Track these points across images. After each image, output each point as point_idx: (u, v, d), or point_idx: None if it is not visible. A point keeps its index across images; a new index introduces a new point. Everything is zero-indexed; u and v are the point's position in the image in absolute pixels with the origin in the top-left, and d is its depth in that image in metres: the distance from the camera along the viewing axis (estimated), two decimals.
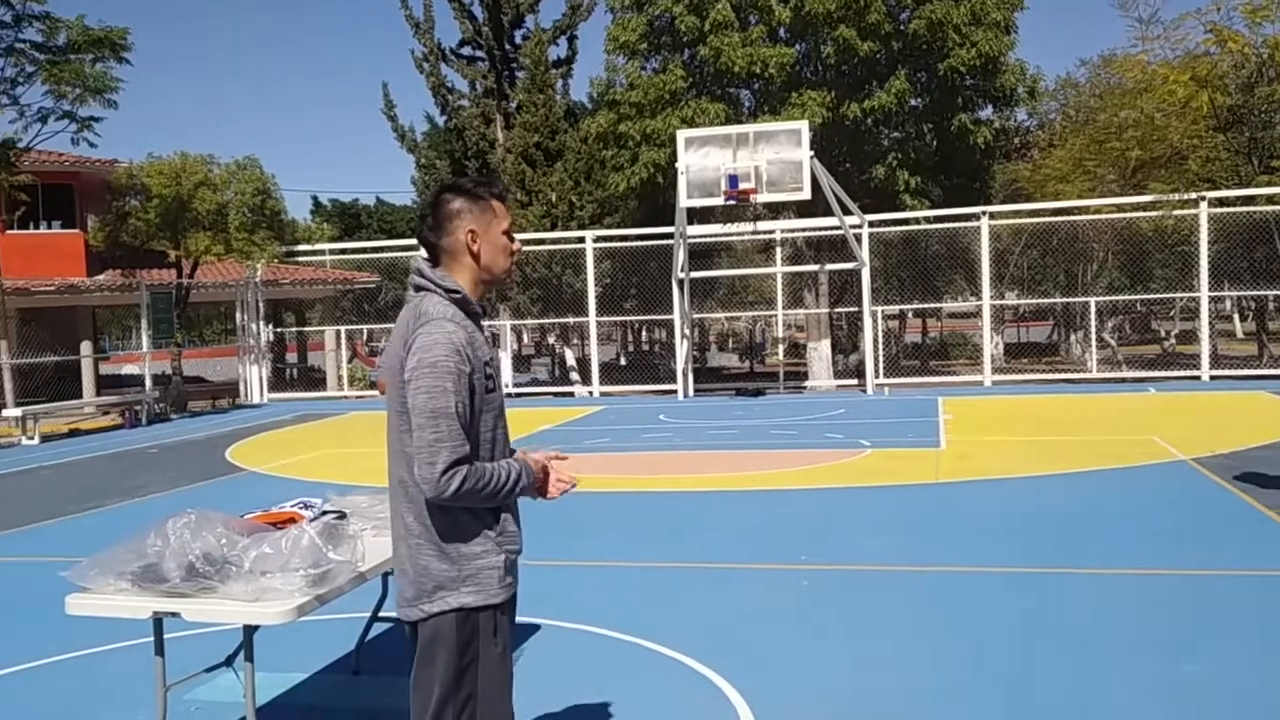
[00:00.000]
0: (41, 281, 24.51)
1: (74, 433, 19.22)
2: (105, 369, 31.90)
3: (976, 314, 24.30)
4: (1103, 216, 23.42)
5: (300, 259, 28.04)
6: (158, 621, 3.70)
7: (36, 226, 26.16)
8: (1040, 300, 30.27)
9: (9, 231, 24.12)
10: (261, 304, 25.77)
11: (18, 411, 18.24)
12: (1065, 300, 27.81)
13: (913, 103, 23.18)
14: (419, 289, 2.90)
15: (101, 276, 25.92)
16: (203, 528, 3.61)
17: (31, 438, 17.74)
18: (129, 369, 35.66)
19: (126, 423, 19.96)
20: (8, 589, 7.59)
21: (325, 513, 4.19)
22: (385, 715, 4.80)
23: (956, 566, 6.97)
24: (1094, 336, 22.96)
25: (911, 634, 5.61)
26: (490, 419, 2.87)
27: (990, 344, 22.97)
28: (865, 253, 20.78)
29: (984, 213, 21.55)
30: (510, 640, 2.95)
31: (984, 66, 22.13)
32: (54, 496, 11.72)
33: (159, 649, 3.88)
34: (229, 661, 4.24)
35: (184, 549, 3.54)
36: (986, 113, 24.83)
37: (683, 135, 19.30)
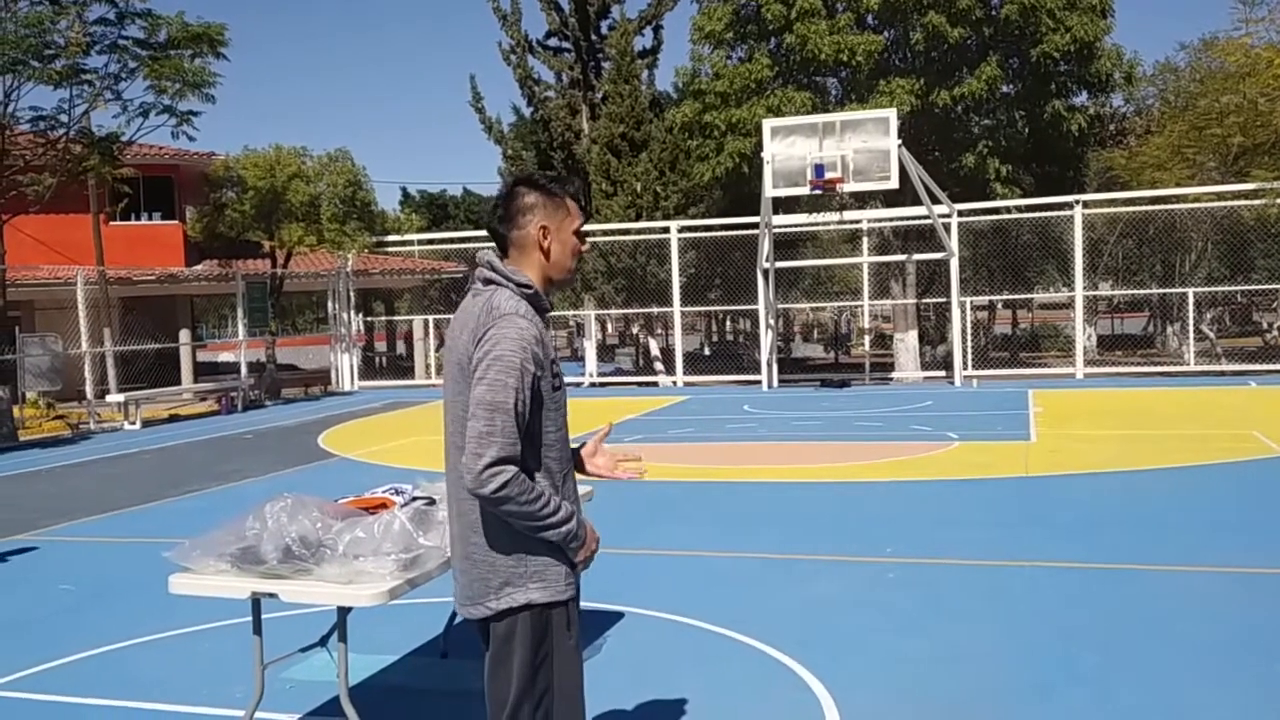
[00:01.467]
0: (142, 271, 25.28)
1: (173, 418, 19.80)
2: (202, 356, 32.81)
3: (1069, 305, 23.77)
4: (1202, 205, 22.75)
5: (389, 249, 28.50)
6: (256, 602, 3.82)
7: (138, 218, 26.99)
8: (1135, 291, 29.51)
9: (112, 223, 24.90)
10: (352, 293, 26.26)
11: (120, 397, 18.86)
12: (1162, 291, 27.10)
13: (1004, 89, 22.77)
14: (488, 282, 2.85)
15: (199, 266, 26.65)
16: (299, 512, 3.71)
17: (133, 422, 18.33)
18: (225, 357, 36.62)
19: (223, 409, 20.51)
20: (112, 569, 7.87)
21: (415, 498, 4.27)
22: (472, 698, 4.86)
23: (1045, 562, 6.86)
24: (1192, 328, 22.33)
25: (998, 629, 5.54)
26: (557, 418, 2.82)
27: (1083, 336, 22.48)
28: (954, 242, 20.47)
29: (1077, 201, 21.09)
30: (580, 637, 2.94)
31: (1079, 52, 21.64)
32: (155, 480, 12.10)
33: (257, 628, 4.00)
34: (323, 642, 4.35)
35: (281, 532, 3.64)
36: (1081, 99, 24.30)
37: (768, 124, 19.20)
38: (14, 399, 17.81)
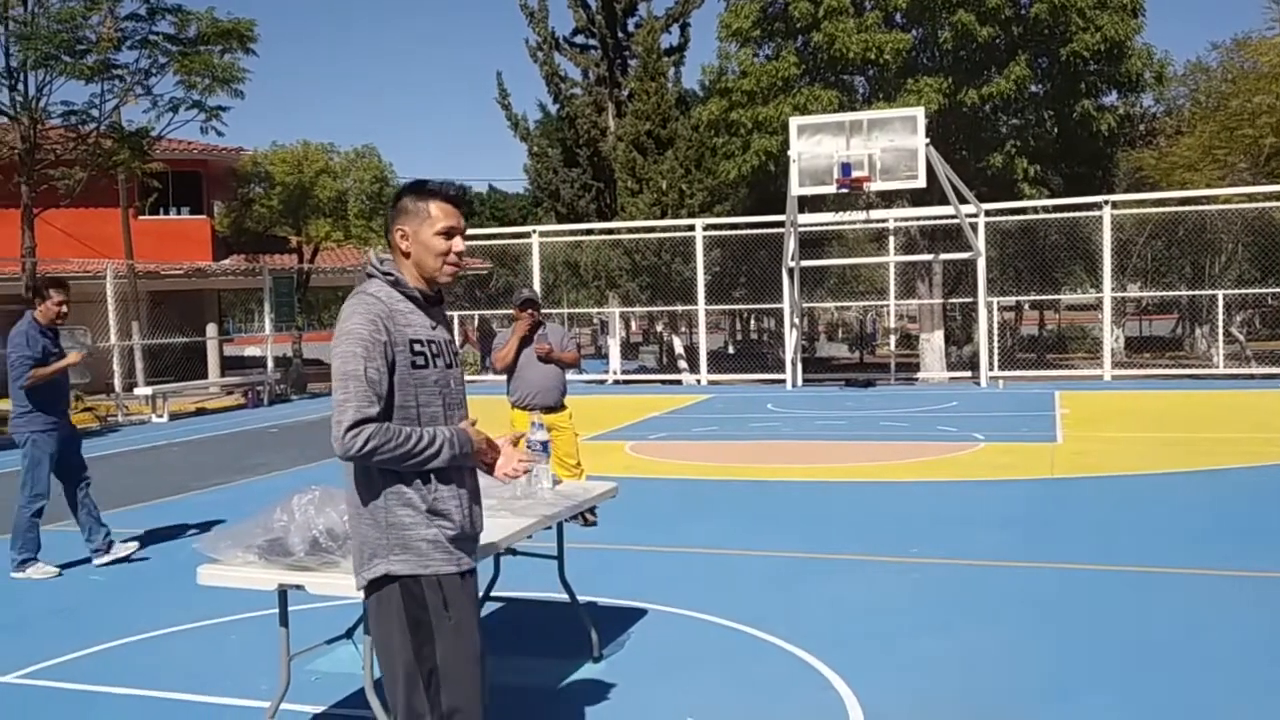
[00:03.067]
0: (170, 266, 25.47)
1: (200, 411, 19.95)
2: (229, 351, 33.02)
3: (1097, 306, 23.60)
4: (1233, 206, 22.54)
5: None
6: (282, 593, 3.84)
7: (166, 212, 27.19)
8: (1164, 293, 29.25)
9: (141, 217, 25.11)
10: None
11: (148, 390, 19.02)
12: (1191, 293, 26.86)
13: (1033, 89, 22.62)
14: (369, 276, 3.05)
15: (227, 261, 26.83)
16: (326, 504, 3.72)
17: (161, 415, 18.48)
18: (251, 351, 36.85)
19: (249, 403, 20.64)
20: (145, 560, 7.92)
21: None
22: (497, 691, 4.88)
23: (1071, 564, 6.81)
24: (1221, 331, 22.12)
25: (1022, 631, 5.51)
26: (419, 395, 2.93)
27: (1110, 337, 22.31)
28: (981, 242, 20.36)
29: (1106, 202, 20.93)
30: (471, 616, 2.98)
31: (1109, 51, 21.46)
32: (182, 472, 12.19)
33: (283, 620, 4.02)
34: (349, 634, 4.37)
35: (308, 524, 3.66)
36: (1110, 99, 24.11)
37: (795, 122, 19.14)
38: None
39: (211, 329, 26.81)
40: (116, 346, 19.41)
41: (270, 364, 22.52)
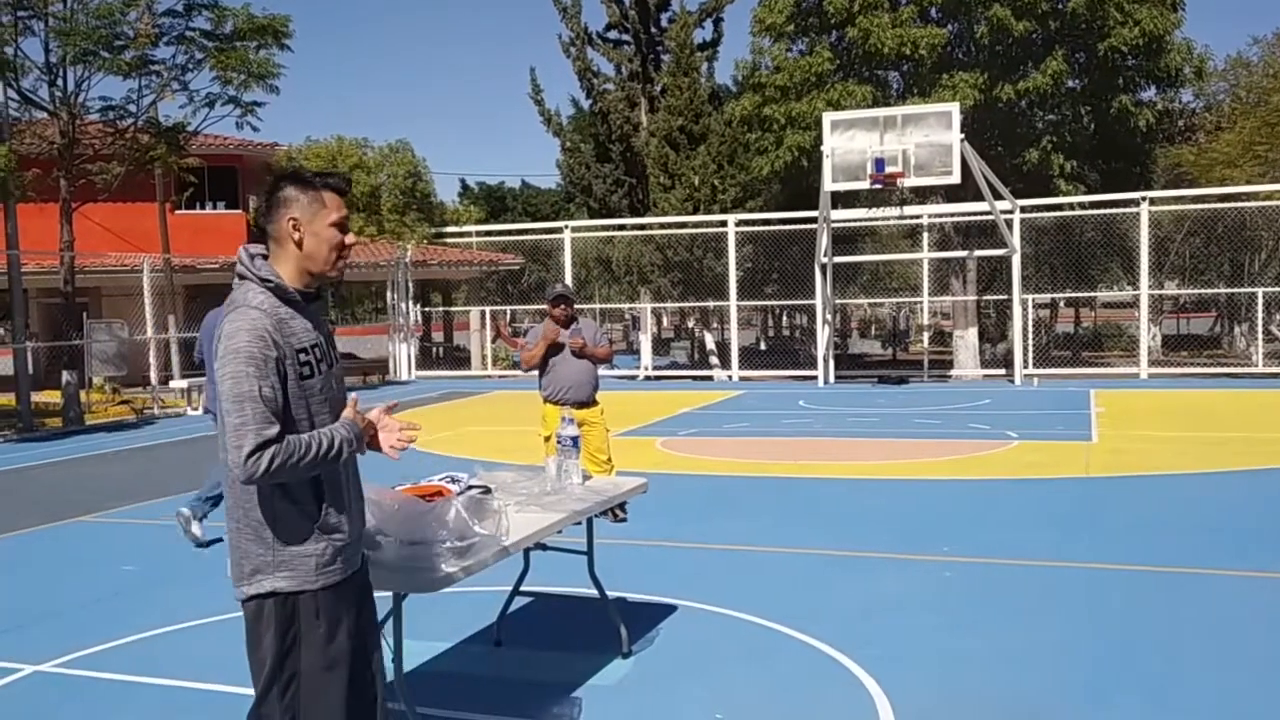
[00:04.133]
0: (206, 260, 25.67)
1: None
2: None
3: (1133, 304, 23.35)
4: (1274, 203, 22.24)
5: (448, 240, 28.71)
6: None
7: (202, 207, 27.43)
8: (1202, 290, 28.91)
9: (177, 211, 25.33)
10: (410, 284, 26.49)
11: (184, 383, 19.21)
12: (1230, 291, 26.51)
13: (1070, 84, 22.38)
14: (241, 277, 2.88)
15: None
16: None
17: (196, 408, 18.63)
18: None
19: None
20: (173, 551, 7.99)
21: (471, 487, 4.28)
22: (525, 686, 4.90)
23: (1104, 564, 6.74)
24: (1260, 329, 21.83)
25: (1055, 631, 5.45)
26: (310, 406, 2.83)
27: (1147, 335, 22.07)
28: (1016, 239, 20.20)
29: (1144, 198, 20.72)
30: (340, 624, 2.90)
31: (1147, 46, 21.20)
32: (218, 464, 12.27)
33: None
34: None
35: None
36: (1149, 94, 23.82)
37: (829, 118, 19.06)
38: (81, 384, 18.19)
39: None
40: (153, 339, 19.59)
41: None
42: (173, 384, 19.46)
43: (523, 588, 5.40)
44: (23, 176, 16.37)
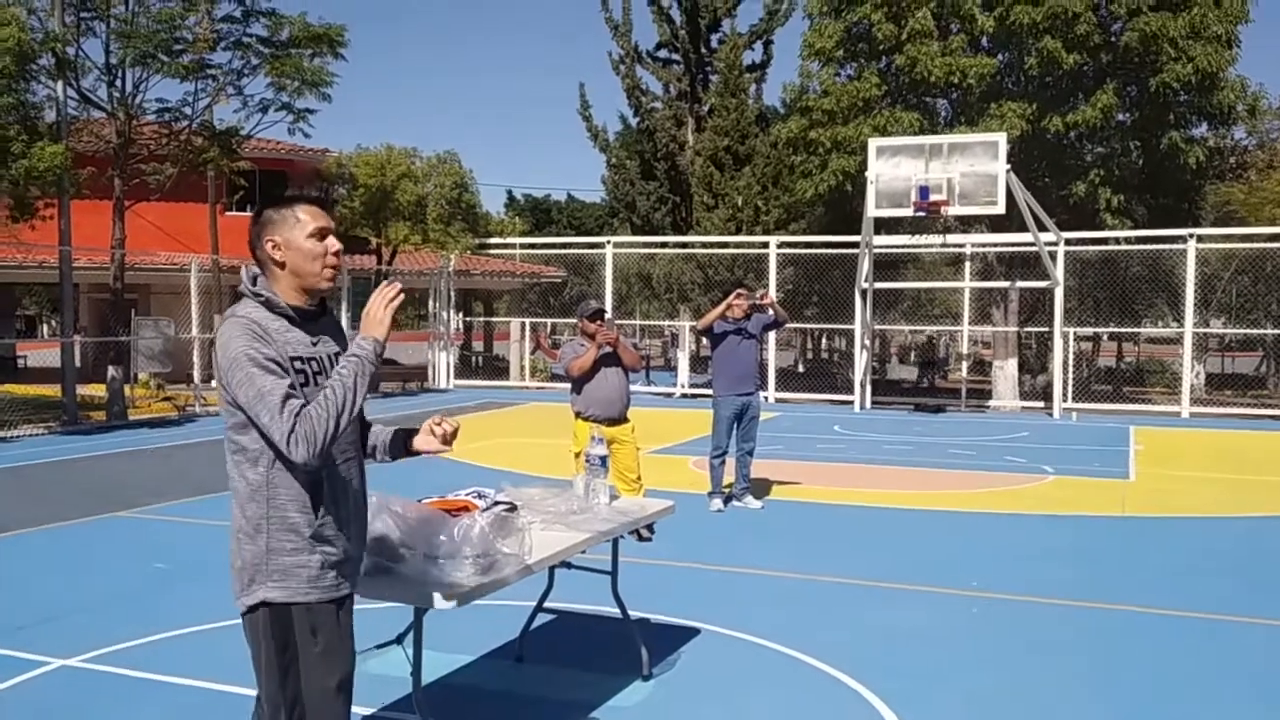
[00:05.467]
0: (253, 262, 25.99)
1: None
2: None
3: (1177, 341, 23.07)
4: None
5: (491, 251, 28.88)
6: None
7: (251, 209, 27.78)
8: (1249, 330, 28.50)
9: (227, 213, 25.69)
10: (453, 293, 26.67)
11: None
12: (1277, 331, 26.13)
13: (1119, 118, 22.20)
14: (239, 295, 2.97)
15: None
16: (381, 510, 3.76)
17: None
18: None
19: None
20: (205, 550, 8.08)
21: (497, 503, 4.32)
22: (545, 704, 4.92)
23: (1138, 606, 6.65)
24: None
25: (1084, 674, 5.39)
26: None
27: (1190, 373, 21.79)
28: (1060, 271, 20.04)
29: (1191, 235, 20.48)
30: (340, 642, 2.91)
31: (1200, 82, 20.98)
32: None
33: None
34: (399, 639, 4.42)
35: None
36: (1200, 131, 23.55)
37: (874, 143, 19.02)
38: (126, 379, 18.46)
39: None
40: (198, 338, 19.85)
41: None
42: (215, 383, 19.66)
43: (545, 604, 5.42)
44: (79, 174, 16.69)
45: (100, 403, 17.98)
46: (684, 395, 24.14)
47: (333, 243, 2.95)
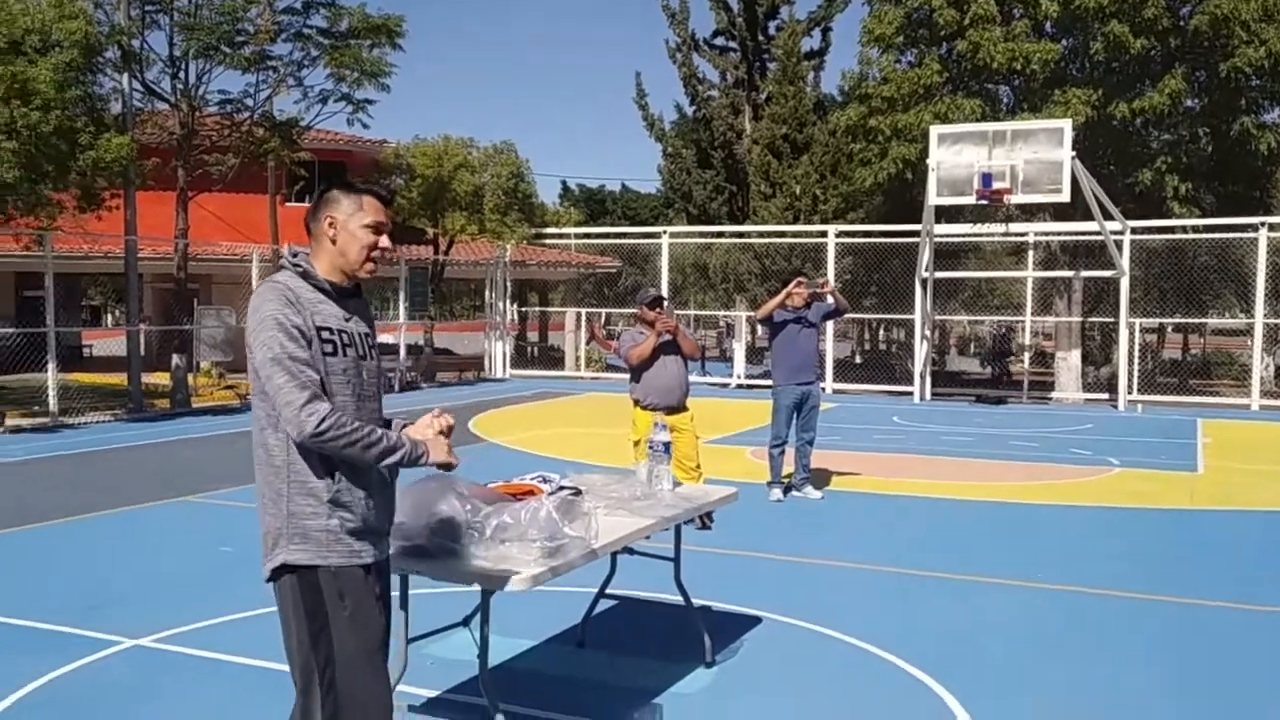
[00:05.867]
0: None
1: None
2: None
3: (1247, 332, 22.56)
4: None
5: (547, 241, 28.95)
6: (403, 578, 3.90)
7: (310, 200, 28.07)
8: None
9: (287, 204, 25.97)
10: (509, 283, 26.78)
11: None
12: None
13: (1188, 103, 21.70)
14: (280, 267, 3.06)
15: None
16: (448, 493, 3.77)
17: None
18: (384, 338, 37.75)
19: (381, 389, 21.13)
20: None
21: (563, 488, 4.30)
22: (605, 690, 4.91)
23: (1207, 600, 6.50)
24: None
25: (1148, 667, 5.28)
26: (329, 383, 2.90)
27: (1260, 365, 21.30)
28: (1125, 260, 19.68)
29: (1263, 224, 20.00)
30: (370, 608, 2.96)
31: (1273, 66, 20.43)
32: None
33: (403, 603, 4.09)
34: (465, 622, 4.42)
35: (430, 512, 3.70)
36: (1272, 116, 22.95)
37: (936, 131, 18.78)
38: (189, 367, 18.75)
39: None
40: None
41: (403, 352, 23.04)
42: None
43: (607, 591, 5.40)
44: (143, 165, 16.95)
45: (164, 390, 18.28)
46: (740, 386, 24.05)
47: (384, 240, 3.07)
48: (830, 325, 22.94)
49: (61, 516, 8.69)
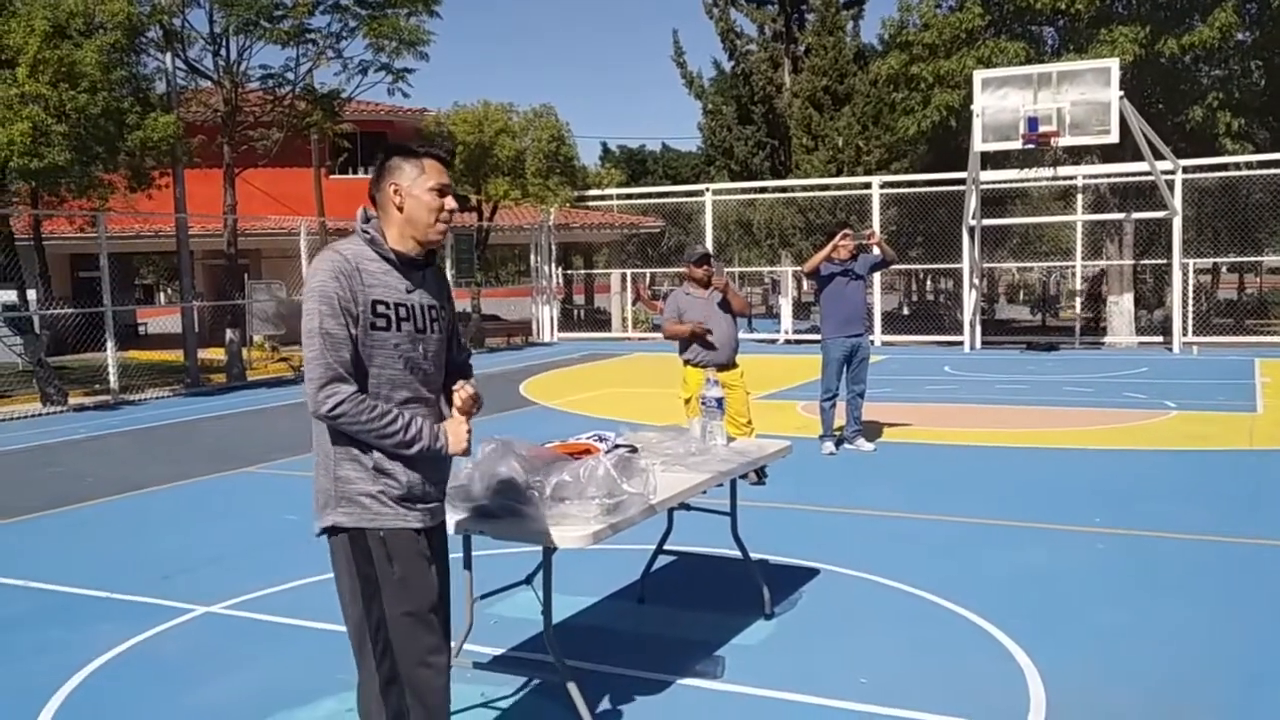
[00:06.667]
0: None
1: None
2: None
3: None
4: None
5: (589, 204, 28.92)
6: (466, 538, 3.97)
7: (354, 172, 28.25)
8: None
9: (332, 176, 26.15)
10: (553, 247, 26.82)
11: None
12: None
13: (1239, 37, 21.19)
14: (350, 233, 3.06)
15: None
16: (508, 454, 3.82)
17: None
18: None
19: None
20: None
21: (618, 446, 4.35)
22: (666, 644, 4.97)
23: (1269, 540, 6.45)
24: None
25: (1213, 609, 5.26)
26: (374, 357, 2.90)
27: None
28: (1178, 201, 19.33)
29: None
30: (421, 572, 2.98)
31: None
32: None
33: (467, 563, 4.17)
34: (528, 580, 4.50)
35: (491, 473, 3.77)
36: None
37: (980, 76, 18.52)
38: (243, 341, 19.02)
39: None
40: None
41: None
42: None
43: (666, 547, 5.46)
44: (189, 143, 17.14)
45: (219, 365, 18.57)
46: (788, 341, 24.00)
47: (450, 201, 3.06)
48: (878, 277, 22.81)
49: (129, 490, 8.90)
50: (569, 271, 31.81)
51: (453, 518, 3.86)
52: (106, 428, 13.01)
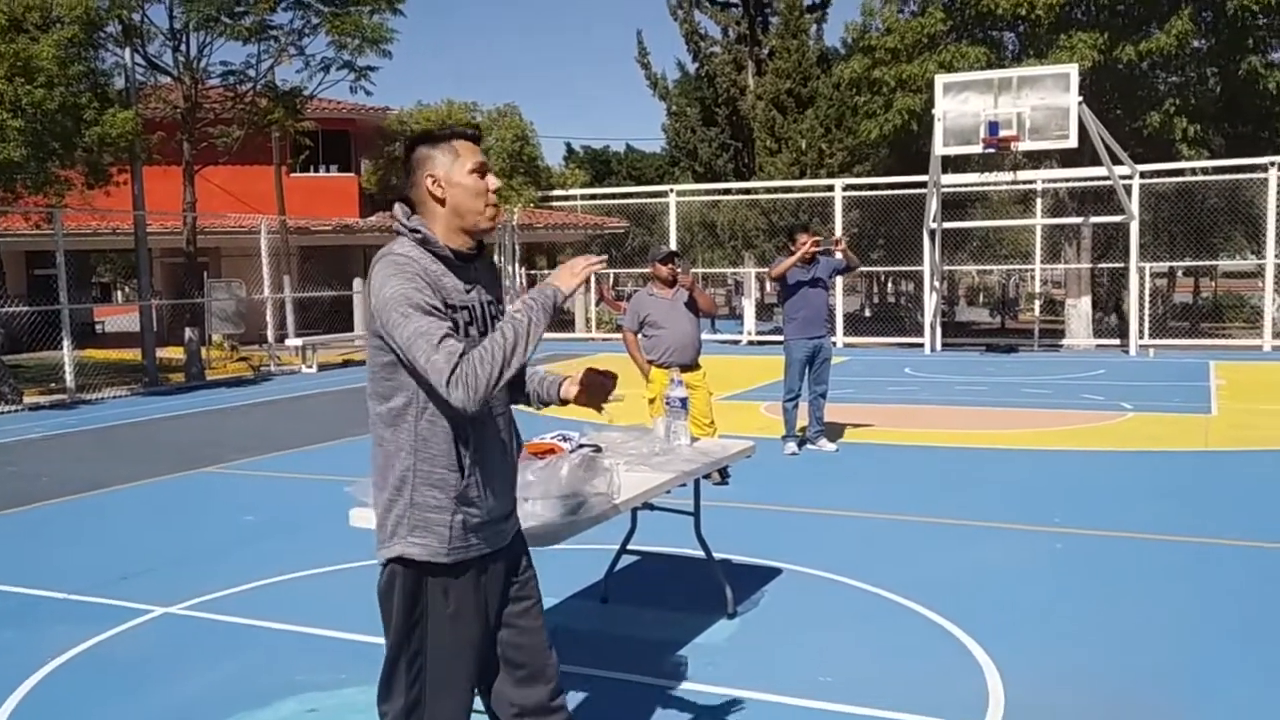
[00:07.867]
0: (319, 221, 26.31)
1: (346, 363, 20.63)
2: None
3: (1257, 274, 22.49)
4: None
5: (553, 204, 28.88)
6: None
7: (316, 170, 28.08)
8: None
9: (292, 174, 25.96)
10: (517, 247, 26.77)
11: (299, 341, 19.75)
12: None
13: (1195, 44, 21.49)
14: (396, 234, 2.75)
15: (373, 218, 27.57)
16: None
17: (310, 366, 19.19)
18: None
19: None
20: (291, 502, 8.29)
21: (582, 445, 4.36)
22: (630, 643, 4.98)
23: (1223, 539, 6.55)
24: None
25: (1169, 608, 5.33)
26: None
27: (1272, 306, 21.23)
28: (1135, 205, 19.60)
29: (1272, 164, 19.89)
30: (471, 606, 2.78)
31: None
32: (334, 420, 12.65)
33: None
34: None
35: None
36: None
37: (941, 80, 18.66)
38: (202, 340, 18.84)
39: (357, 283, 27.59)
40: (270, 299, 20.16)
41: None
42: (288, 342, 20.02)
43: (629, 546, 5.46)
44: (148, 140, 16.94)
45: (178, 365, 18.39)
46: (751, 342, 24.08)
47: (493, 180, 2.78)
48: (839, 280, 22.93)
49: (86, 490, 8.79)
50: (533, 272, 31.75)
51: None
52: (63, 427, 12.84)
